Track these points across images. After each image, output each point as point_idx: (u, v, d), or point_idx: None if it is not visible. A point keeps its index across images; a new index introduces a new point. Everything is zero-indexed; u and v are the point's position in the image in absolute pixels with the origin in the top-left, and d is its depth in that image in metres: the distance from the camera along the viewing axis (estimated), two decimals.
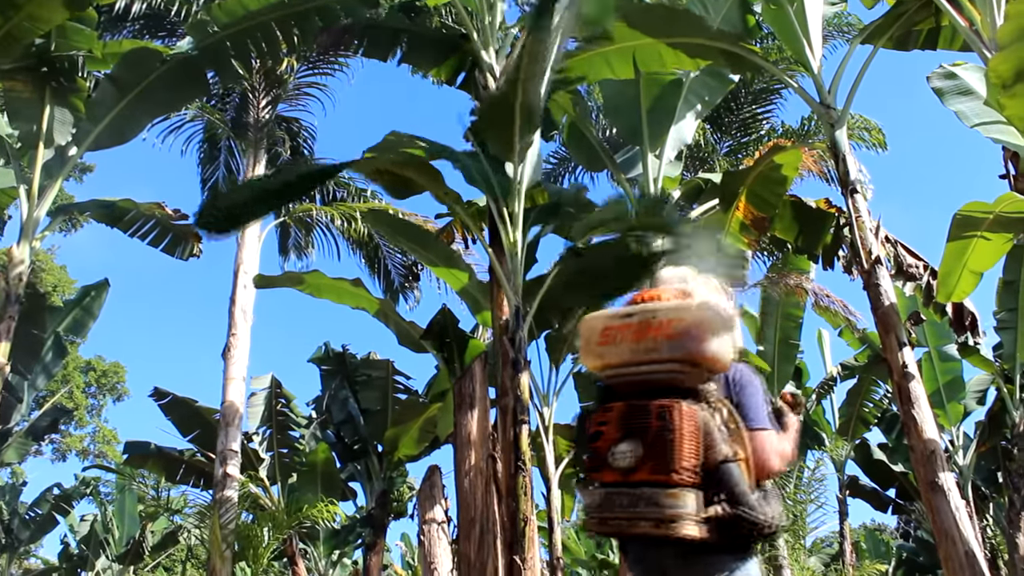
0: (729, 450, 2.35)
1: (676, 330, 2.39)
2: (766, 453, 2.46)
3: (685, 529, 2.26)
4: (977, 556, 5.97)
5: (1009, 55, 4.79)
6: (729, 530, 2.30)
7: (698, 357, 2.39)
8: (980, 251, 6.39)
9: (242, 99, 12.96)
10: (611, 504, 2.38)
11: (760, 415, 2.52)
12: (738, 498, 2.29)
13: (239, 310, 11.69)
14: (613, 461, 2.36)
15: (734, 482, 2.31)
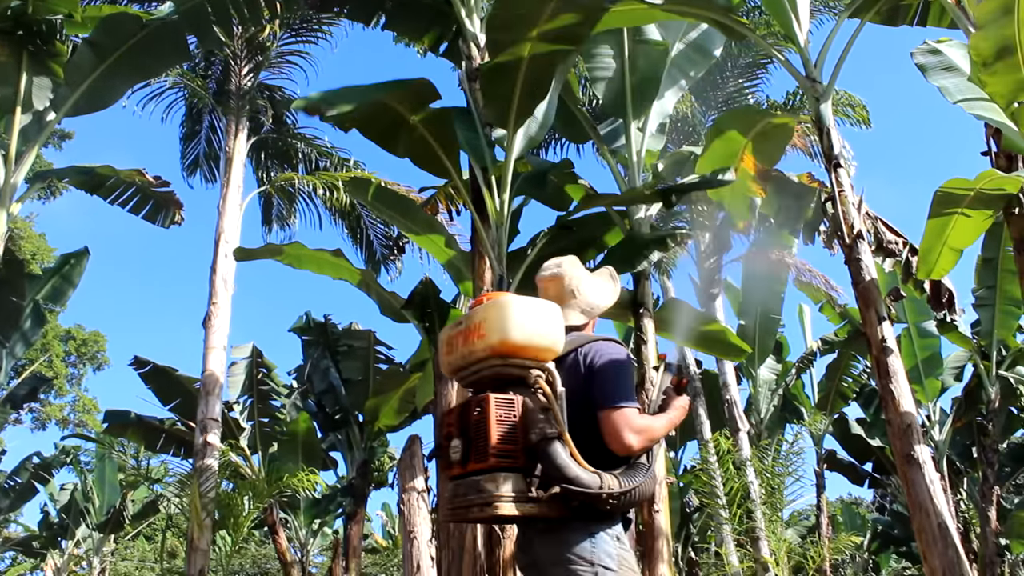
0: (550, 429, 2.43)
1: (484, 330, 2.55)
2: (616, 431, 2.50)
3: (503, 510, 2.41)
4: (950, 528, 6.04)
5: (989, 33, 4.79)
6: (568, 504, 2.44)
7: (508, 350, 2.52)
8: (960, 228, 6.41)
9: (224, 66, 12.81)
10: (454, 495, 2.56)
11: (610, 394, 2.56)
12: (556, 472, 2.39)
13: (220, 279, 11.64)
14: (451, 456, 2.57)
15: (548, 458, 2.41)
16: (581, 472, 2.41)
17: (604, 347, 2.68)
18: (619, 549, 2.51)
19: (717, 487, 10.75)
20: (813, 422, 16.75)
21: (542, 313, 2.60)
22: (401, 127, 7.25)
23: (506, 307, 2.56)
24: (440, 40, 8.75)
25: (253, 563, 20.96)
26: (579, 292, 2.86)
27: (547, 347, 2.57)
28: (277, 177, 13.63)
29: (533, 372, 2.53)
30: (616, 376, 2.59)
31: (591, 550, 2.46)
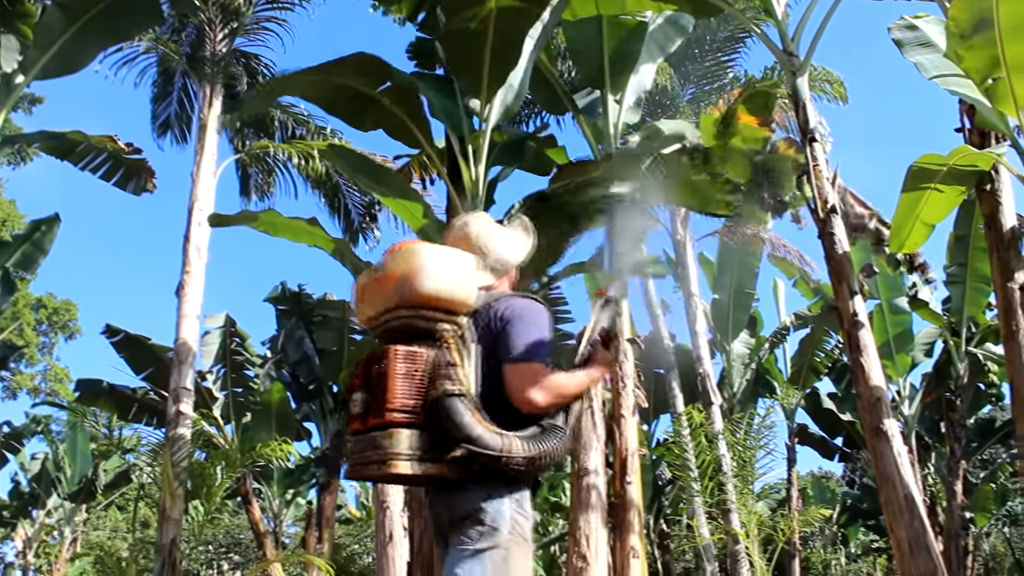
0: (452, 386, 2.35)
1: (396, 276, 2.47)
2: (519, 386, 2.40)
3: (399, 468, 2.32)
4: (916, 500, 6.12)
5: (968, 3, 4.80)
6: (468, 465, 2.33)
7: (417, 299, 2.44)
8: (933, 203, 6.45)
9: (198, 31, 12.61)
10: (353, 451, 2.47)
11: (518, 348, 2.45)
12: (456, 431, 2.30)
13: (193, 247, 11.51)
14: (352, 410, 2.46)
15: (448, 416, 2.31)
16: (483, 432, 2.31)
17: (517, 302, 2.58)
18: (514, 512, 2.42)
19: (689, 460, 10.84)
20: (785, 396, 16.90)
21: (455, 263, 2.52)
22: (364, 102, 7.22)
23: (418, 254, 2.48)
24: (418, 8, 8.66)
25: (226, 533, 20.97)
26: (489, 249, 2.72)
27: (459, 299, 2.48)
28: (252, 145, 13.49)
29: (441, 325, 2.45)
30: (525, 331, 2.49)
31: (485, 510, 2.37)
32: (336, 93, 7.37)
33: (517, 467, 2.33)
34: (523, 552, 2.40)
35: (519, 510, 2.44)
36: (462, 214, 2.90)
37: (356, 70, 7.16)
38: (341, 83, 7.22)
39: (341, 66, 7.12)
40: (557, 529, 20.58)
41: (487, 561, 2.35)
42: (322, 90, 7.44)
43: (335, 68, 7.11)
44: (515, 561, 2.37)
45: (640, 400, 7.87)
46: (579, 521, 7.60)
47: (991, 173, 6.18)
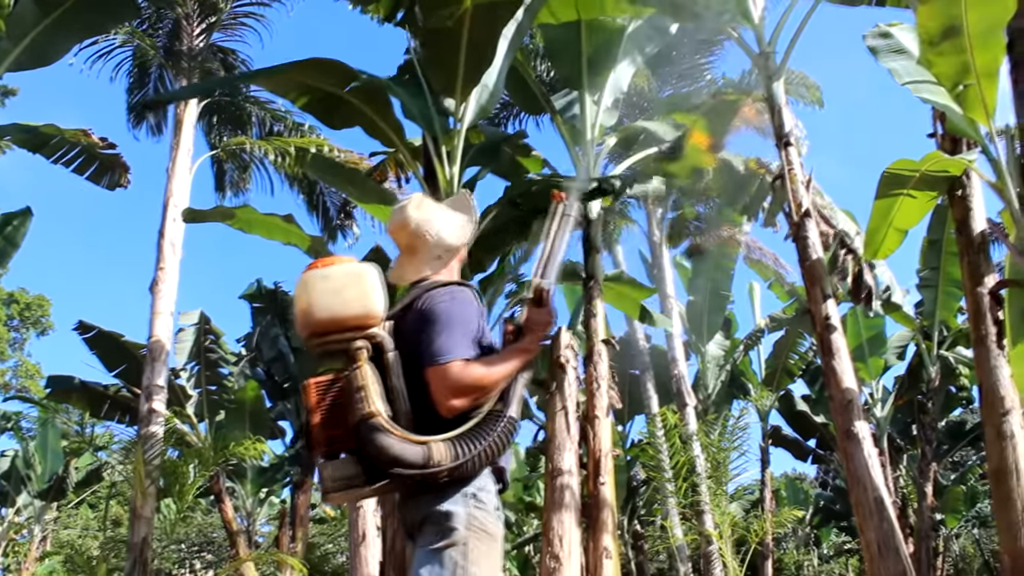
0: (361, 410, 2.31)
1: (300, 310, 2.46)
2: (436, 393, 2.36)
3: (335, 499, 2.37)
4: (885, 502, 6.18)
5: (936, 10, 4.84)
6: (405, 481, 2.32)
7: (319, 328, 2.43)
8: (906, 209, 6.51)
9: (175, 25, 12.54)
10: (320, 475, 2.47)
11: (432, 349, 2.39)
12: (378, 455, 2.27)
13: (168, 243, 11.44)
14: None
15: (366, 442, 2.29)
16: (404, 449, 2.27)
17: (435, 295, 2.51)
18: (471, 508, 2.37)
19: (663, 461, 10.88)
20: (759, 398, 17.00)
21: (340, 282, 2.44)
22: (333, 101, 7.21)
23: (305, 286, 2.45)
24: (396, 6, 8.64)
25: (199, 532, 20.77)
26: (431, 235, 2.65)
27: (357, 315, 2.42)
28: (228, 141, 13.42)
29: (354, 344, 2.39)
30: (441, 327, 2.42)
31: (440, 512, 2.35)
32: (307, 91, 7.35)
33: (447, 475, 2.30)
34: (485, 544, 2.37)
35: (476, 504, 2.39)
36: (400, 200, 2.79)
37: (321, 72, 7.14)
38: (311, 83, 7.20)
39: (304, 68, 7.09)
40: (531, 529, 20.58)
41: (446, 559, 2.33)
42: (294, 87, 7.41)
43: (300, 68, 7.09)
44: (475, 555, 2.34)
45: (614, 401, 7.88)
46: (552, 521, 7.60)
47: (963, 179, 6.24)
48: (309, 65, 7.02)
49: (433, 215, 2.69)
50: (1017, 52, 5.36)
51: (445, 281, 2.59)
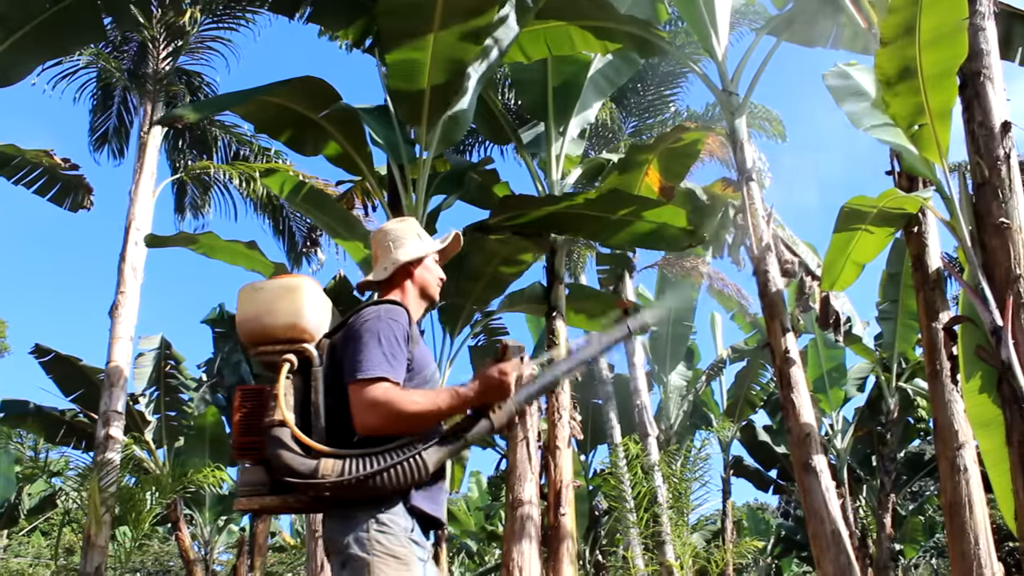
0: (269, 418, 2.36)
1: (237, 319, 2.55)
2: (354, 407, 2.35)
3: (241, 502, 2.39)
4: (842, 534, 6.24)
5: (893, 52, 4.97)
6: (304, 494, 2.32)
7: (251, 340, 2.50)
8: (863, 243, 6.62)
9: (141, 48, 12.47)
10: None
11: (352, 366, 2.40)
12: (274, 461, 2.30)
13: (129, 267, 11.31)
14: None
15: (270, 447, 2.32)
16: (294, 459, 2.28)
17: (365, 312, 2.52)
18: (376, 534, 2.30)
19: (625, 491, 10.88)
20: (721, 428, 17.09)
21: (273, 295, 2.51)
22: (305, 126, 7.23)
23: (240, 298, 2.54)
24: (365, 35, 8.68)
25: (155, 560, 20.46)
26: (393, 247, 2.70)
27: (285, 327, 2.46)
28: (193, 165, 13.33)
29: (283, 358, 2.43)
30: (365, 344, 2.41)
31: (344, 538, 2.31)
32: (279, 115, 7.37)
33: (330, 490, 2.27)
34: (393, 569, 2.29)
35: (379, 528, 2.32)
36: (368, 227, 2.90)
37: (302, 93, 7.16)
38: (284, 105, 7.21)
39: (286, 88, 7.11)
40: (493, 559, 20.47)
41: None
42: (265, 112, 7.42)
43: (280, 89, 7.10)
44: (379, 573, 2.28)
45: (575, 431, 7.91)
46: (513, 551, 7.60)
47: (918, 216, 6.36)
48: (295, 84, 7.03)
49: (406, 236, 2.75)
50: (969, 94, 5.49)
51: (382, 300, 2.61)
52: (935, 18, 4.83)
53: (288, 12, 8.43)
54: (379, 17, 6.90)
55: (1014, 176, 5.39)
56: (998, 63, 5.59)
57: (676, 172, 8.09)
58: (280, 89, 6.99)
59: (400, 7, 6.39)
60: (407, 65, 6.70)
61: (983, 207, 5.44)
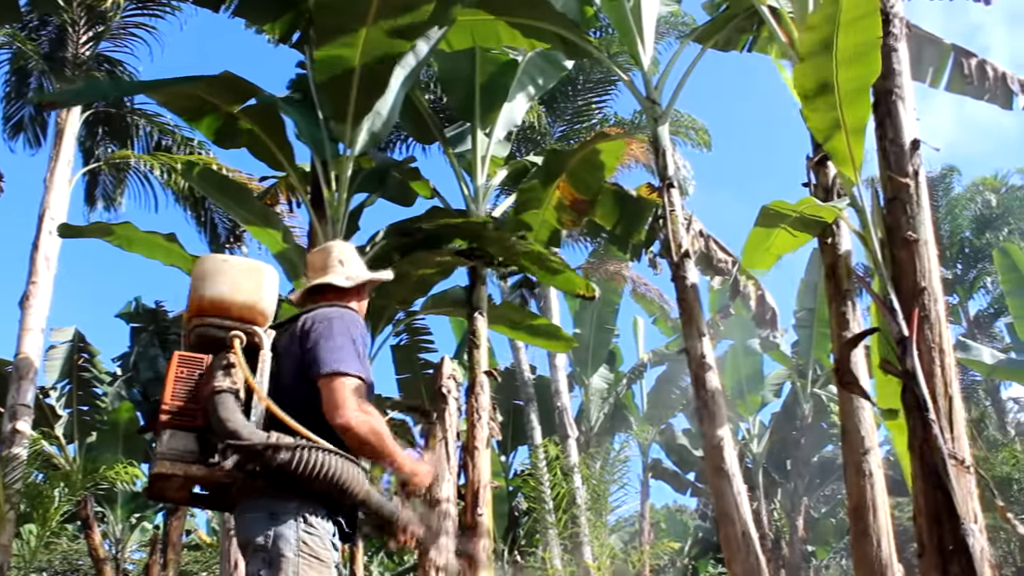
0: (223, 383, 2.31)
1: (190, 288, 2.51)
2: (337, 402, 2.33)
3: (161, 468, 2.27)
4: (752, 537, 6.38)
5: (809, 67, 5.10)
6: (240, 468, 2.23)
7: (206, 307, 2.46)
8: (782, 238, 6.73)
9: (59, 31, 12.09)
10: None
11: (327, 359, 2.39)
12: (218, 425, 2.23)
13: (42, 257, 11.00)
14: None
15: (214, 410, 2.26)
16: (244, 426, 2.22)
17: (328, 312, 2.54)
18: (302, 533, 2.28)
19: (545, 492, 10.95)
20: (641, 431, 17.31)
21: (237, 270, 2.51)
22: (227, 120, 7.13)
23: (203, 263, 2.52)
24: (292, 29, 8.57)
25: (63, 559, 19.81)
26: (346, 263, 2.74)
27: (244, 304, 2.46)
28: (112, 154, 12.98)
29: (232, 333, 2.41)
30: (335, 340, 2.42)
31: (269, 533, 2.26)
32: (201, 107, 7.24)
33: (281, 463, 2.21)
34: (316, 571, 2.29)
35: (308, 529, 2.31)
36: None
37: (223, 87, 7.05)
38: (206, 98, 7.09)
39: (207, 82, 6.98)
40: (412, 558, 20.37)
41: None
42: (188, 102, 7.28)
43: (201, 83, 6.98)
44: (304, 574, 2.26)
45: (495, 432, 7.93)
46: (430, 552, 7.60)
47: (833, 226, 6.52)
48: (216, 79, 6.91)
49: (352, 252, 2.83)
50: (882, 111, 5.65)
51: (342, 305, 2.63)
52: (851, 37, 4.96)
53: (212, 5, 8.26)
54: (313, 12, 6.83)
55: (922, 192, 5.57)
56: (910, 83, 5.77)
57: (588, 185, 8.17)
58: (199, 82, 6.87)
59: (334, 4, 6.33)
60: (336, 61, 6.65)
61: (893, 221, 5.60)
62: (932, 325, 5.25)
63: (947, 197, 22.49)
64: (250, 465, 2.22)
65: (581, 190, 8.16)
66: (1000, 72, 7.84)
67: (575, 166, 7.96)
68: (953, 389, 5.17)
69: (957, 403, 5.16)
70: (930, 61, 7.60)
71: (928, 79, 7.73)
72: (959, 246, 22.20)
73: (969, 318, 22.84)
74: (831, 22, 4.90)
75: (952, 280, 21.79)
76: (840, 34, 4.95)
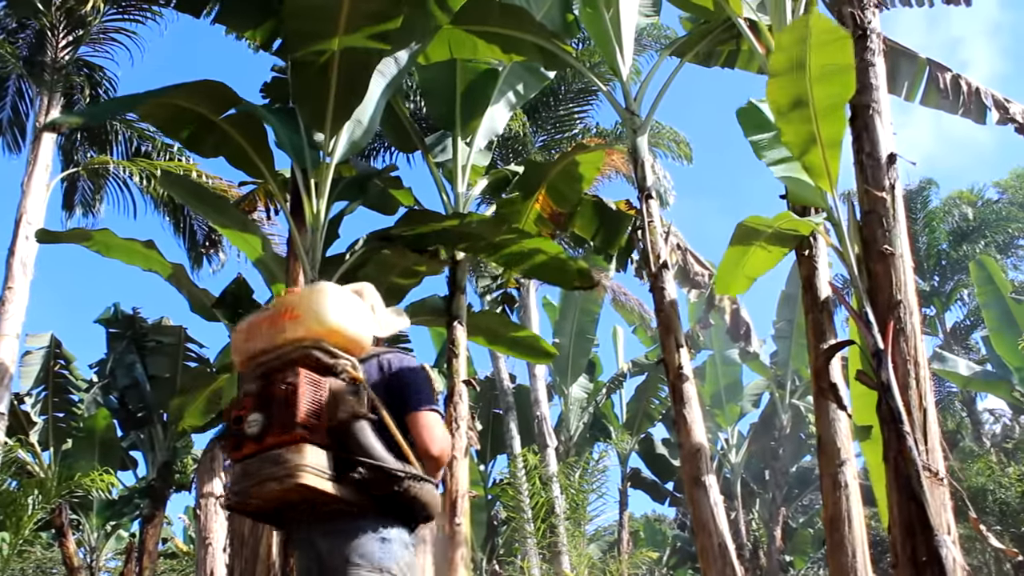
0: (360, 408, 2.44)
1: (298, 311, 2.57)
2: (429, 437, 2.56)
3: (305, 479, 2.33)
4: (729, 548, 6.39)
5: (782, 84, 5.13)
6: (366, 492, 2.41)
7: (321, 332, 2.54)
8: (757, 258, 6.77)
9: (38, 35, 12.02)
10: (244, 475, 2.44)
11: (421, 398, 2.63)
12: (361, 451, 2.39)
13: (18, 262, 10.93)
14: (246, 431, 2.44)
15: (358, 436, 2.40)
16: (387, 454, 2.41)
17: (406, 356, 2.76)
18: (407, 555, 2.47)
19: (523, 501, 10.94)
20: (620, 441, 17.33)
21: (357, 304, 2.66)
22: (206, 127, 7.10)
23: (324, 291, 2.62)
24: (273, 37, 8.55)
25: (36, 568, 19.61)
26: (376, 310, 2.86)
27: (356, 338, 2.59)
28: (91, 160, 12.91)
29: (342, 360, 2.52)
30: (425, 382, 2.69)
31: (379, 554, 2.40)
32: (178, 116, 7.20)
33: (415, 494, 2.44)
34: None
35: (409, 551, 2.50)
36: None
37: (202, 95, 7.01)
38: (184, 107, 7.05)
39: (186, 90, 6.95)
40: None
41: None
42: (164, 112, 7.25)
43: (180, 91, 6.94)
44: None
45: (473, 442, 7.93)
46: None
47: (810, 239, 6.56)
48: (195, 87, 6.87)
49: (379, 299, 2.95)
50: (858, 126, 5.70)
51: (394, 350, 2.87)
52: (824, 58, 5.01)
53: (193, 11, 8.24)
54: (284, 19, 6.82)
55: (898, 205, 5.62)
56: (886, 97, 5.82)
57: (566, 197, 8.20)
58: (179, 91, 6.83)
59: (304, 9, 6.34)
60: (311, 67, 6.64)
61: (869, 234, 5.65)
62: (907, 338, 5.29)
63: (925, 210, 22.71)
64: (381, 489, 2.42)
65: (559, 203, 8.20)
66: (974, 87, 7.94)
67: (554, 179, 7.99)
68: (928, 401, 5.21)
69: (932, 415, 5.20)
70: (906, 75, 7.69)
71: (904, 93, 7.81)
72: (936, 258, 22.41)
73: (946, 330, 23.04)
74: (801, 43, 4.94)
75: (929, 292, 21.99)
76: (812, 55, 4.99)
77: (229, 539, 7.90)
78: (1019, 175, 25.64)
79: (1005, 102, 7.82)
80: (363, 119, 7.28)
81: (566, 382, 16.41)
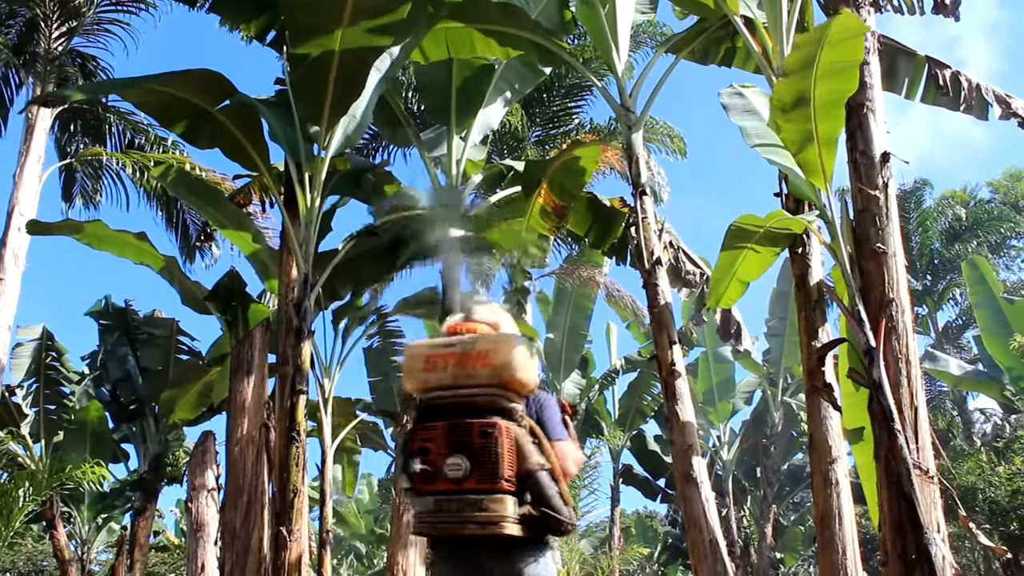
0: (542, 460, 2.77)
1: (492, 360, 2.81)
2: (566, 460, 2.91)
3: (508, 529, 2.67)
4: (720, 544, 6.41)
5: (792, 82, 5.13)
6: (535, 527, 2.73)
7: (512, 383, 2.81)
8: (749, 262, 6.79)
9: (30, 24, 11.95)
10: (441, 510, 2.75)
11: (559, 429, 2.99)
12: (548, 501, 2.72)
13: (10, 254, 10.89)
14: (447, 472, 2.73)
15: (545, 488, 2.74)
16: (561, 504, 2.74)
17: (543, 394, 3.12)
18: (554, 569, 2.90)
19: None
20: (612, 437, 17.34)
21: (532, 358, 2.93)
22: (201, 118, 7.07)
23: (515, 343, 2.85)
24: (267, 28, 8.53)
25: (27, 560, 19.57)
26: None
27: (532, 386, 2.91)
28: (83, 151, 12.86)
29: (516, 406, 2.81)
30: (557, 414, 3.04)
31: (538, 570, 2.77)
32: (174, 106, 7.16)
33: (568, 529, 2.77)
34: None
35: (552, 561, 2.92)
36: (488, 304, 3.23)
37: (198, 85, 6.98)
38: (180, 96, 7.02)
39: (183, 78, 6.92)
40: (381, 562, 20.33)
41: None
42: (160, 100, 7.20)
43: (176, 80, 6.91)
44: None
45: None
46: (397, 556, 7.61)
47: (803, 237, 6.57)
48: (191, 75, 6.84)
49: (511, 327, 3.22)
50: (853, 124, 5.72)
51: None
52: (833, 55, 5.01)
53: (187, 1, 8.22)
54: (284, 11, 6.79)
55: (891, 204, 5.63)
56: (881, 96, 5.83)
57: (568, 191, 8.20)
58: (175, 79, 6.80)
59: (305, 2, 6.31)
60: (310, 61, 6.61)
61: (862, 232, 5.66)
62: (899, 336, 5.31)
63: (919, 209, 22.76)
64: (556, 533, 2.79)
65: (561, 196, 8.18)
66: (975, 83, 7.91)
67: (555, 173, 7.98)
68: (919, 400, 5.23)
69: (923, 413, 5.22)
70: (905, 73, 7.67)
71: (903, 91, 7.80)
72: (929, 258, 22.46)
73: (938, 329, 23.11)
74: (816, 42, 4.95)
75: (921, 291, 22.04)
76: (823, 52, 4.99)
77: (220, 532, 7.89)
78: (1012, 175, 25.70)
79: (1007, 97, 7.79)
80: (356, 113, 7.27)
81: (559, 378, 16.41)
